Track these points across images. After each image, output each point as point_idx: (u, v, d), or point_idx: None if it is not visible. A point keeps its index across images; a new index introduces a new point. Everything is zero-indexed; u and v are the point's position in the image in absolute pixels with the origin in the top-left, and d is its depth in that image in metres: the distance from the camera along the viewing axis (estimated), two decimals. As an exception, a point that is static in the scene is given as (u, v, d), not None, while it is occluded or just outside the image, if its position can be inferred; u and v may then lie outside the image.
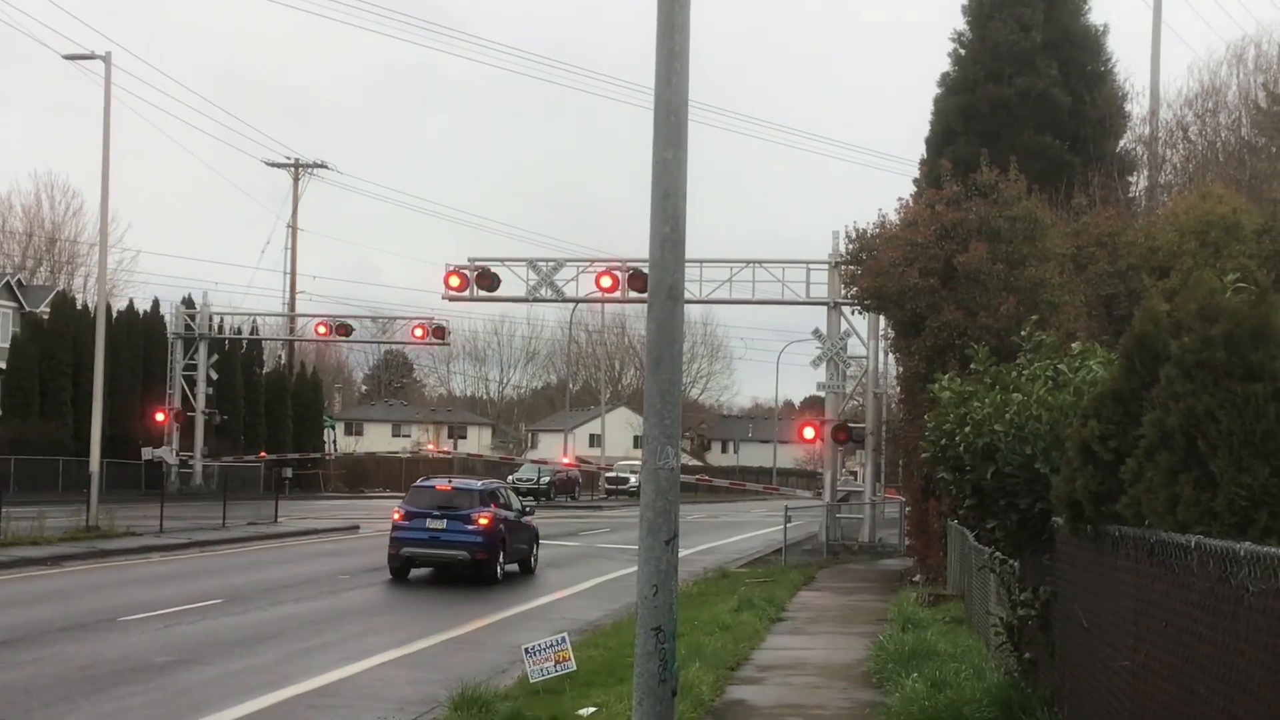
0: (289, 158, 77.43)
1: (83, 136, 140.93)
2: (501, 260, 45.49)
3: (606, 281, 43.25)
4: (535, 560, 30.84)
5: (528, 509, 31.72)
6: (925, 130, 38.20)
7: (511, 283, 44.94)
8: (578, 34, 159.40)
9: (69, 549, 30.17)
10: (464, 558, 27.43)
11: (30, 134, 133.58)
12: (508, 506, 29.39)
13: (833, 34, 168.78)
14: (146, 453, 56.97)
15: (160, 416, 58.80)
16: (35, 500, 40.24)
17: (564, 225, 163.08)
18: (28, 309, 66.26)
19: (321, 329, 61.07)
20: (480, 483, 30.16)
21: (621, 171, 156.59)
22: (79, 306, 63.12)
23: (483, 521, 27.55)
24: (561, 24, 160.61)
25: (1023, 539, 11.56)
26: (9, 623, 19.20)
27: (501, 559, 28.18)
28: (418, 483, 30.89)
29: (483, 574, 27.54)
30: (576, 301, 52.92)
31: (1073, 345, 13.13)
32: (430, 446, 76.03)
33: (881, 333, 37.57)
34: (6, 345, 60.89)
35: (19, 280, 71.01)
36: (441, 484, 29.51)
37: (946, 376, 13.90)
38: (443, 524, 27.44)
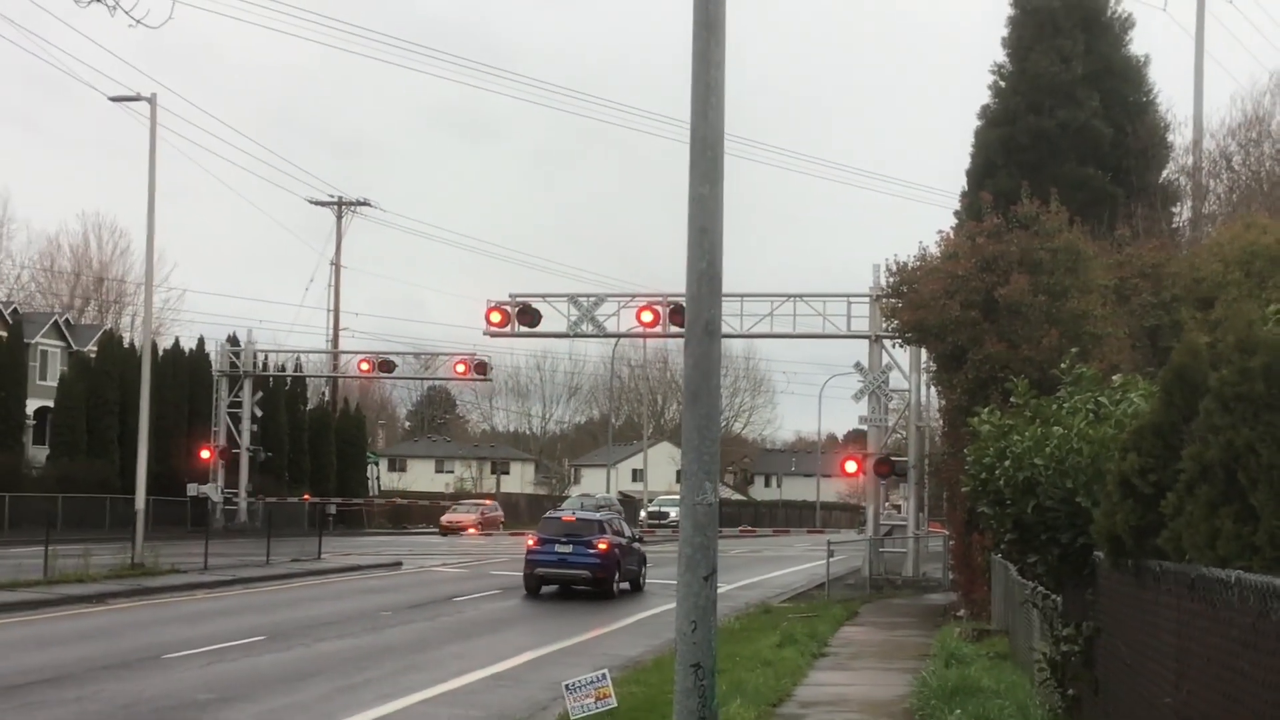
0: (332, 195, 78.08)
1: (129, 177, 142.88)
2: (543, 296, 45.66)
3: (648, 316, 43.31)
4: (644, 579, 35.82)
5: (637, 536, 37.80)
6: (966, 163, 38.16)
7: (553, 318, 45.12)
8: (618, 68, 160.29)
9: (114, 586, 30.34)
10: (586, 576, 32.84)
11: (78, 175, 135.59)
12: (620, 534, 34.91)
13: (872, 66, 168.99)
14: (192, 489, 57.34)
15: (205, 454, 59.19)
16: (81, 538, 40.54)
17: (605, 260, 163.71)
18: (75, 348, 66.98)
19: (364, 365, 61.41)
20: (599, 514, 36.43)
21: (662, 204, 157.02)
22: (125, 345, 63.75)
23: (602, 546, 33.03)
24: (602, 57, 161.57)
25: (1064, 573, 11.45)
26: (53, 660, 19.33)
27: (617, 578, 33.41)
28: (548, 514, 37.74)
29: (601, 590, 32.82)
30: (618, 337, 53.04)
31: (1114, 378, 13.04)
32: (466, 508, 77.29)
33: (923, 365, 37.38)
34: (55, 384, 61.55)
35: (67, 320, 71.84)
36: (567, 515, 35.40)
37: (987, 410, 13.82)
38: (569, 549, 32.87)
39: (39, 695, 16.34)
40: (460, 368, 58.80)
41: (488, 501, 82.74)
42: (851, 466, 44.61)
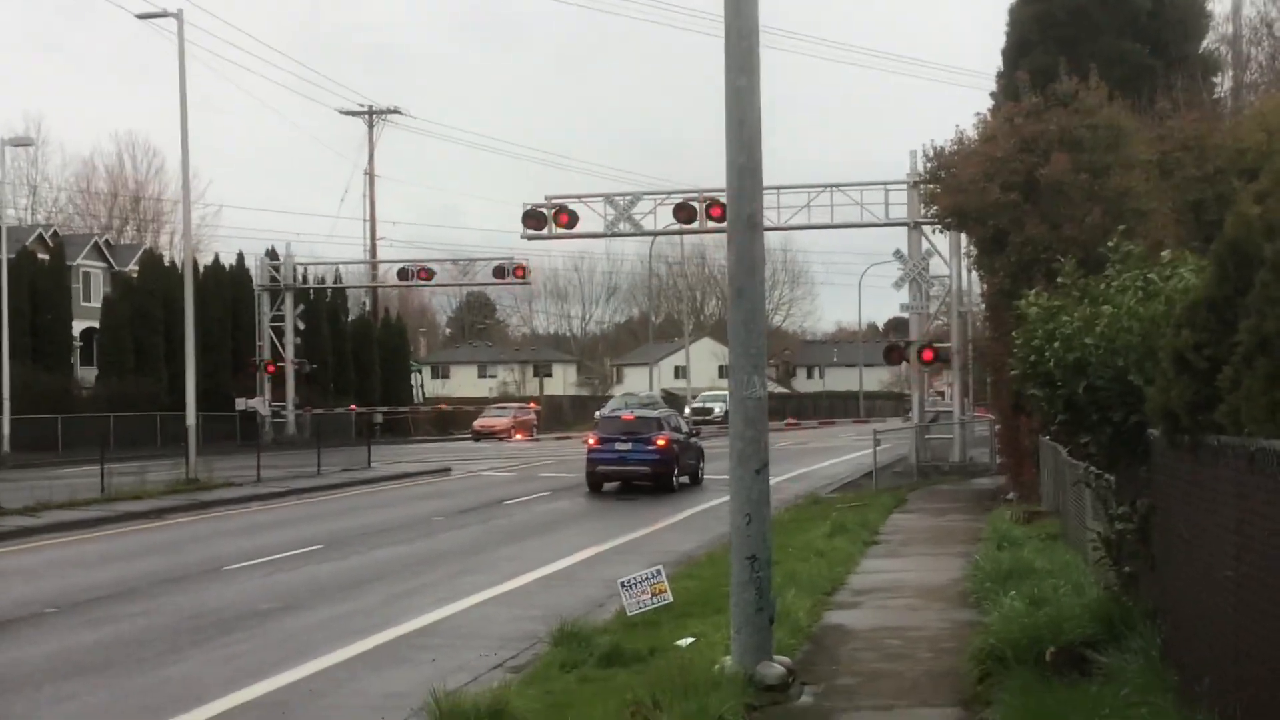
0: (363, 105, 77.88)
1: (160, 95, 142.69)
2: (579, 196, 45.48)
3: (684, 213, 43.10)
4: (702, 473, 36.33)
5: (695, 432, 38.70)
6: (1001, 42, 37.51)
7: (589, 219, 44.99)
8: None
9: (171, 502, 30.81)
10: (646, 472, 33.73)
11: (110, 95, 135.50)
12: (678, 430, 35.48)
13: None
14: (240, 404, 57.90)
15: (253, 368, 59.67)
16: (135, 455, 41.16)
17: (640, 159, 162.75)
18: (117, 268, 67.46)
19: (404, 274, 61.51)
20: (657, 411, 35.85)
21: (696, 102, 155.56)
22: (166, 263, 64.17)
23: (660, 443, 33.73)
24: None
25: (1118, 452, 11.41)
26: (117, 576, 19.70)
27: (676, 473, 34.11)
28: (605, 412, 37.26)
29: (661, 484, 33.51)
30: (655, 235, 52.82)
31: (1162, 254, 12.88)
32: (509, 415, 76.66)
33: (964, 251, 37.09)
34: (99, 305, 62.07)
35: (107, 241, 72.29)
36: (626, 414, 35.02)
37: (1033, 292, 13.71)
38: (629, 446, 33.69)
39: (106, 610, 16.67)
40: (500, 272, 58.82)
41: (526, 405, 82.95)
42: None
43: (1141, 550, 10.92)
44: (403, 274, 61.47)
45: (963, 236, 34.34)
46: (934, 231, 38.18)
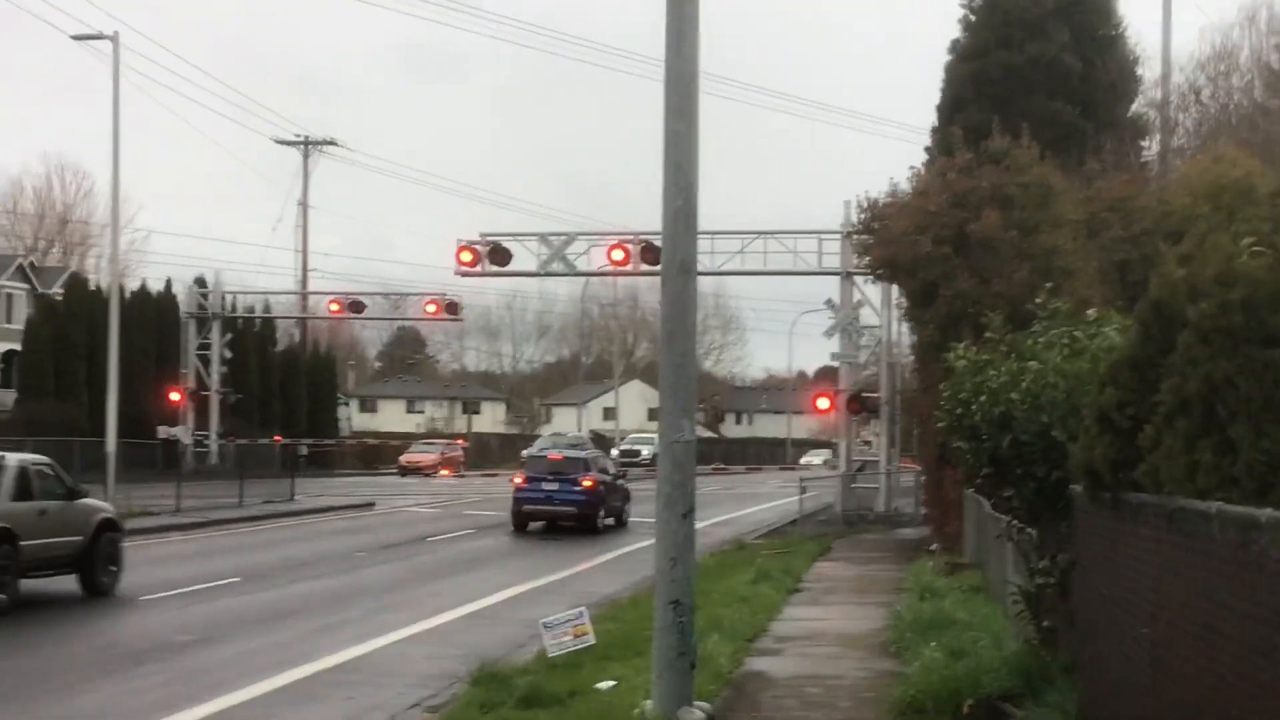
0: (298, 135, 77.42)
1: (93, 117, 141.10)
2: (513, 235, 45.42)
3: (618, 255, 43.17)
4: (627, 515, 36.41)
5: (622, 474, 38.61)
6: (936, 98, 38.01)
7: (523, 257, 44.90)
8: (588, 4, 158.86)
9: (87, 529, 30.20)
10: (572, 513, 33.75)
11: (40, 115, 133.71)
12: (605, 471, 35.92)
13: (844, 2, 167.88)
14: (162, 432, 57.06)
15: (175, 396, 58.82)
16: (52, 481, 40.35)
17: (575, 199, 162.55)
18: (41, 291, 66.46)
19: (334, 306, 61.09)
20: (584, 452, 36.60)
21: (633, 145, 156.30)
22: (92, 288, 63.27)
23: (587, 484, 34.00)
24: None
25: (1040, 507, 11.53)
26: (27, 603, 19.27)
27: (602, 514, 34.33)
28: (533, 451, 38.28)
29: (586, 525, 33.61)
30: (588, 275, 52.91)
31: (1088, 312, 13.07)
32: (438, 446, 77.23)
33: (895, 302, 37.44)
34: (20, 328, 61.04)
35: (31, 263, 71.25)
36: (554, 454, 35.66)
37: (962, 345, 13.86)
38: (555, 486, 33.86)
39: (15, 638, 16.31)
40: (431, 307, 58.53)
41: (454, 441, 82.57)
42: (824, 403, 44.76)
43: (1061, 605, 11.02)
44: (333, 306, 61.04)
45: (894, 288, 34.66)
46: (866, 282, 38.49)
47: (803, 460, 79.77)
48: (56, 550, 19.99)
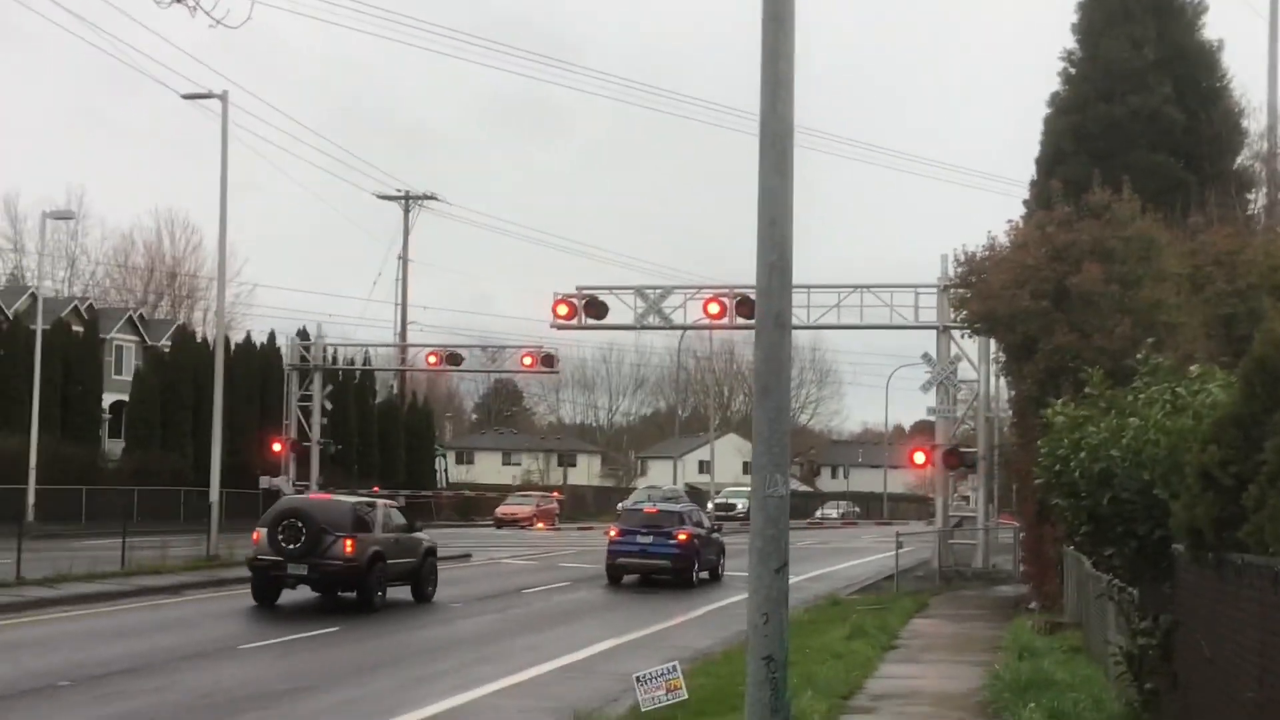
0: (399, 190, 78.60)
1: (201, 173, 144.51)
2: (609, 288, 45.69)
3: (714, 308, 43.23)
4: (722, 569, 36.27)
5: (716, 527, 38.40)
6: (1035, 151, 37.72)
7: (619, 310, 45.12)
8: (685, 61, 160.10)
9: (190, 578, 30.77)
10: (666, 566, 33.73)
11: (152, 172, 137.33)
12: (700, 525, 35.82)
13: (939, 56, 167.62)
14: (264, 482, 57.84)
15: (277, 447, 59.63)
16: (158, 530, 41.09)
17: (671, 252, 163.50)
18: (150, 343, 67.97)
19: (432, 359, 61.66)
20: (679, 505, 37.12)
21: (728, 197, 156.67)
22: (198, 340, 64.63)
23: (682, 537, 33.86)
24: (669, 51, 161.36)
25: (1141, 566, 11.33)
26: (133, 651, 19.64)
27: (696, 567, 34.19)
28: (629, 504, 39.66)
29: (681, 579, 33.56)
30: (684, 329, 52.96)
31: (1191, 368, 12.86)
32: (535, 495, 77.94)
33: (992, 356, 37.08)
34: (130, 379, 62.46)
35: (141, 315, 72.92)
36: (649, 507, 36.15)
37: (1060, 401, 13.70)
38: (650, 539, 33.82)
39: (119, 685, 16.60)
40: (527, 360, 58.87)
41: (549, 493, 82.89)
42: (920, 458, 44.26)
43: (1163, 667, 10.80)
44: (432, 358, 61.70)
45: (991, 342, 34.34)
46: (963, 336, 38.18)
47: (818, 514, 79.13)
48: (402, 569, 27.25)
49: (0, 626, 22.14)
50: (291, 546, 25.42)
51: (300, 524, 25.57)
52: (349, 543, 25.52)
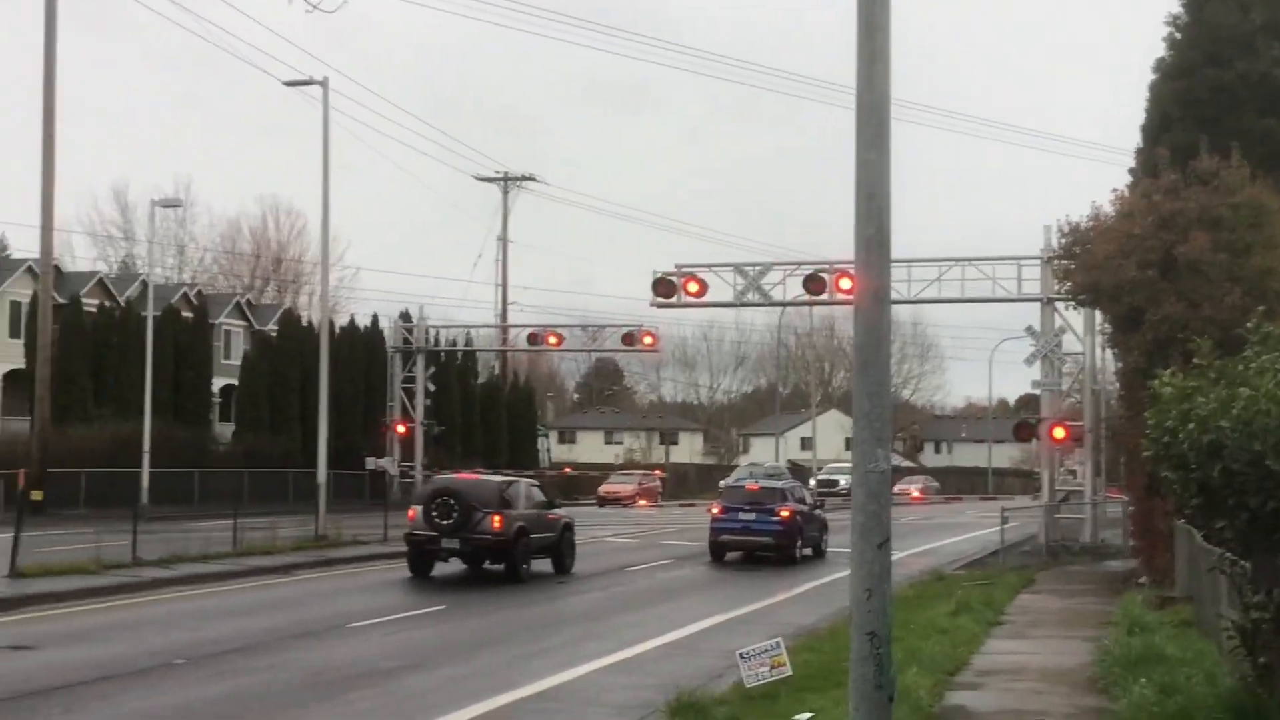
0: (498, 171, 79.19)
1: (303, 159, 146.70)
2: (709, 266, 45.73)
3: (813, 285, 43.08)
4: (825, 546, 36.02)
5: (819, 504, 38.36)
6: (1140, 118, 37.00)
7: (719, 288, 45.17)
8: (778, 33, 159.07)
9: (299, 558, 31.33)
10: (769, 543, 33.63)
11: (256, 158, 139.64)
12: (802, 501, 35.59)
13: (1037, 21, 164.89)
14: (369, 463, 58.75)
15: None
16: (267, 511, 41.96)
17: (770, 228, 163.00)
18: (257, 327, 69.26)
19: (534, 339, 62.16)
20: (782, 482, 36.46)
21: (827, 170, 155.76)
22: (304, 324, 65.69)
23: (784, 514, 33.79)
24: (765, 26, 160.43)
25: (1254, 539, 11.12)
26: (244, 630, 20.06)
27: (799, 544, 34.12)
28: (730, 482, 38.65)
29: (783, 556, 33.50)
30: (784, 305, 52.80)
31: (1304, 336, 12.57)
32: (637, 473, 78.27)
33: (1098, 328, 36.51)
34: (238, 363, 63.70)
35: (248, 300, 74.34)
36: (751, 484, 35.56)
37: (1168, 372, 13.45)
38: (753, 516, 33.75)
39: (231, 664, 16.98)
40: (628, 339, 59.15)
41: (651, 471, 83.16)
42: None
43: (1277, 641, 10.61)
44: (533, 339, 62.14)
45: (1097, 313, 33.82)
46: (1067, 308, 37.65)
47: (820, 477, 77.46)
48: (543, 542, 29.17)
49: (118, 606, 22.74)
50: (445, 522, 27.30)
51: (453, 501, 27.34)
52: (497, 518, 27.38)
